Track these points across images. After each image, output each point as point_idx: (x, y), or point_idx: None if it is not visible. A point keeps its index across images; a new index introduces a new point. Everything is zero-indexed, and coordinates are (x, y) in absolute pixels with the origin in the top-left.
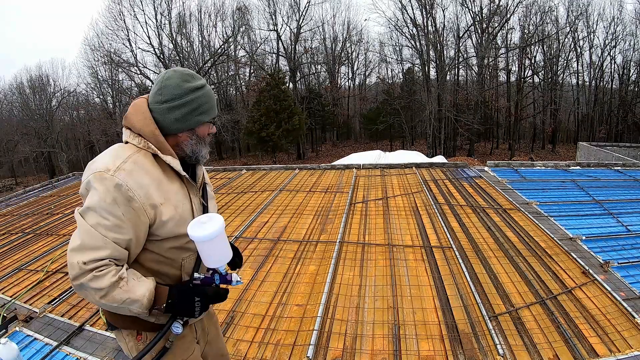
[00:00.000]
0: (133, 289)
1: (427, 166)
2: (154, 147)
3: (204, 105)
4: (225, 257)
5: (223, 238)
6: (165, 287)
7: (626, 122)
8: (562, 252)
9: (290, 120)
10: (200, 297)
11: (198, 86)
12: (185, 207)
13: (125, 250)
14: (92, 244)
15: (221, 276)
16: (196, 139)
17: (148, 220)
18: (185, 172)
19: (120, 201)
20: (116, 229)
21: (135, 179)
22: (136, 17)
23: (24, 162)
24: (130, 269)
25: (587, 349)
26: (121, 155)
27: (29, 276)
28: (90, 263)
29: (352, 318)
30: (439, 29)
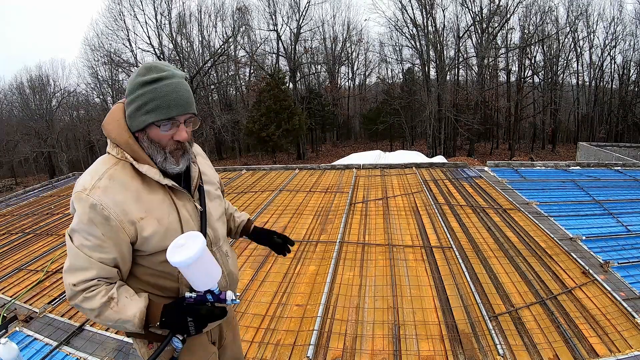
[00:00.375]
0: (123, 309)
1: (427, 166)
2: (130, 157)
3: (151, 102)
4: (212, 278)
5: (205, 259)
6: (159, 304)
7: (626, 122)
8: (562, 252)
9: (290, 121)
10: (193, 317)
11: (148, 80)
12: (171, 218)
13: (114, 269)
14: (79, 265)
15: (214, 295)
16: (148, 142)
17: (128, 237)
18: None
19: (98, 221)
20: (99, 249)
21: (111, 196)
22: (136, 17)
23: (24, 162)
24: (124, 286)
25: (587, 349)
26: (99, 171)
27: (29, 276)
28: (79, 284)
29: (352, 318)
30: (439, 29)
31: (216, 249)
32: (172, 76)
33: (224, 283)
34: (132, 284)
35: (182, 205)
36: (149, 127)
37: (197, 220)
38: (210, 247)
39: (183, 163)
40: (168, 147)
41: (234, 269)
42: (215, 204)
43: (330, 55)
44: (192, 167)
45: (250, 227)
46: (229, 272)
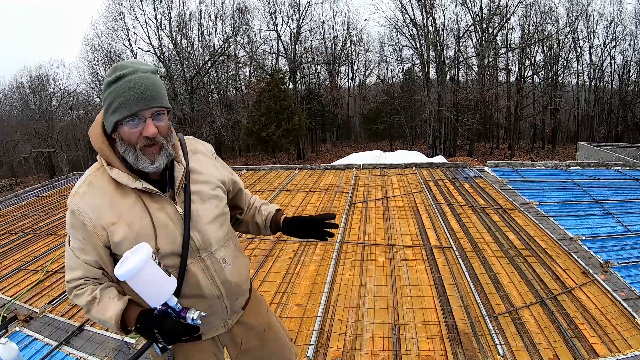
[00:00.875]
0: (104, 309)
1: (427, 166)
2: (104, 162)
3: (114, 102)
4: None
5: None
6: (136, 309)
7: (626, 122)
8: (562, 252)
9: (290, 121)
10: (158, 330)
11: (111, 80)
12: (143, 223)
13: (99, 270)
14: (71, 265)
15: (174, 311)
16: (120, 142)
17: (101, 242)
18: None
19: (78, 226)
20: (82, 251)
21: (87, 202)
22: (136, 17)
23: (24, 162)
24: (111, 287)
25: (587, 349)
26: (83, 177)
27: (29, 276)
28: (71, 282)
29: (352, 318)
30: (439, 29)
31: (206, 255)
32: (134, 72)
33: (216, 292)
34: (125, 287)
35: (159, 208)
36: (118, 127)
37: (179, 224)
38: (197, 253)
39: (159, 161)
40: (138, 145)
41: (233, 278)
42: (210, 205)
43: (330, 55)
44: (176, 167)
45: (281, 219)
46: (223, 280)
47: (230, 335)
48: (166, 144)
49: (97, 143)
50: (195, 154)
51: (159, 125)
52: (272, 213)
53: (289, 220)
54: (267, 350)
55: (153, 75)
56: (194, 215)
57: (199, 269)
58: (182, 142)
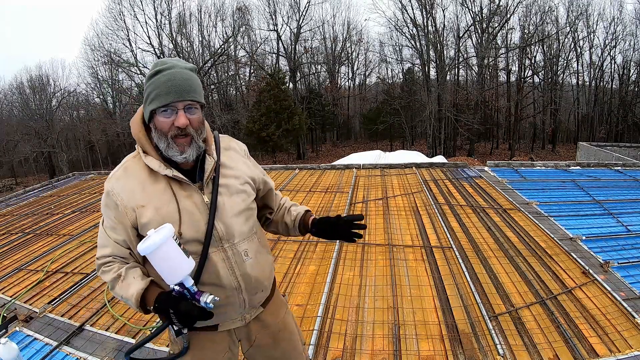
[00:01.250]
0: (126, 287)
1: (427, 166)
2: (140, 150)
3: (152, 92)
4: (176, 272)
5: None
6: (157, 290)
7: (626, 122)
8: (562, 252)
9: (290, 120)
10: (174, 311)
11: (152, 73)
12: (170, 209)
13: (126, 250)
14: (102, 243)
15: (190, 293)
16: (155, 132)
17: (130, 222)
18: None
19: (111, 205)
20: (113, 230)
21: (121, 184)
22: (136, 17)
23: (24, 162)
24: (136, 267)
25: (587, 349)
26: (120, 164)
27: (29, 276)
28: (101, 258)
29: (352, 318)
30: (439, 29)
31: (228, 246)
32: (172, 67)
33: (234, 284)
34: (150, 269)
35: (187, 196)
36: (153, 116)
37: (205, 213)
38: (219, 243)
39: (189, 152)
40: (170, 133)
41: (253, 272)
42: (237, 199)
43: (330, 55)
44: (207, 159)
45: (309, 220)
46: (243, 273)
47: (247, 331)
48: (197, 136)
49: (135, 132)
50: (227, 151)
51: (191, 118)
52: (301, 214)
53: (317, 221)
54: (279, 350)
55: (190, 71)
56: (219, 207)
57: (220, 258)
58: (216, 138)
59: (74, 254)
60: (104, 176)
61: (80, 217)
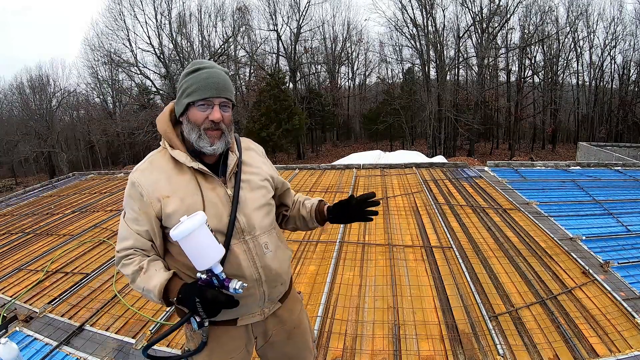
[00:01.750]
0: (149, 279)
1: (427, 166)
2: (167, 144)
3: (191, 87)
4: (208, 257)
5: (200, 236)
6: (180, 281)
7: (626, 122)
8: (562, 252)
9: (290, 120)
10: (200, 299)
11: (191, 70)
12: (194, 200)
13: (148, 242)
14: (123, 235)
15: (218, 280)
16: (187, 124)
17: (154, 212)
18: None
19: (135, 196)
20: (135, 221)
21: (147, 176)
22: (136, 17)
23: (24, 162)
24: (158, 260)
25: (587, 349)
26: (146, 158)
27: (29, 276)
28: (121, 251)
29: (352, 318)
30: (439, 29)
31: (249, 238)
32: (211, 67)
33: (255, 275)
34: (170, 262)
35: (211, 188)
36: (189, 108)
37: (227, 206)
38: (241, 235)
39: (218, 145)
40: (203, 126)
41: (273, 265)
42: (257, 194)
43: (330, 55)
44: (230, 155)
45: (324, 209)
46: (263, 265)
47: (264, 326)
48: (227, 132)
49: (163, 126)
50: (247, 151)
51: (224, 115)
52: (315, 204)
53: (332, 208)
54: (291, 347)
55: (225, 73)
56: (241, 200)
57: (242, 250)
58: (237, 139)
59: (74, 254)
60: (104, 176)
61: (80, 217)
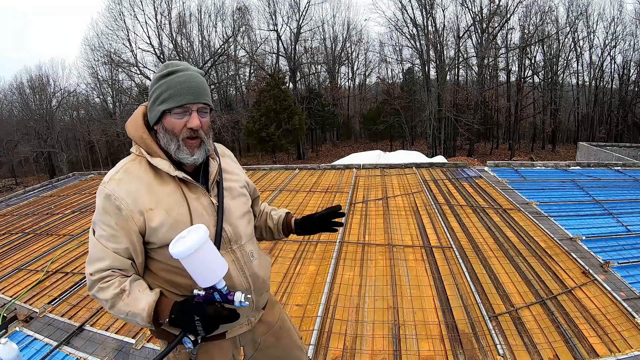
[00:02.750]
0: (134, 302)
1: (427, 166)
2: (144, 151)
3: (165, 92)
4: (214, 274)
5: (206, 252)
6: (171, 300)
7: (626, 122)
8: (562, 252)
9: (290, 120)
10: (200, 317)
11: (164, 74)
12: (180, 211)
13: (127, 260)
14: (96, 256)
15: (221, 295)
16: (163, 132)
17: (137, 227)
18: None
19: (111, 211)
20: (113, 238)
21: (124, 187)
22: (136, 17)
23: (24, 162)
24: (139, 280)
25: (587, 349)
26: (117, 166)
27: (29, 276)
28: (95, 274)
29: (352, 318)
30: (439, 29)
31: (236, 247)
32: (186, 69)
33: (245, 285)
34: (150, 280)
35: (195, 198)
36: (164, 116)
37: (212, 215)
38: (228, 245)
39: (198, 154)
40: (181, 135)
41: (260, 272)
42: (239, 202)
43: (330, 55)
44: (211, 162)
45: (291, 221)
46: (252, 273)
47: (252, 335)
48: (206, 140)
49: (138, 132)
50: (223, 157)
51: (202, 121)
52: (283, 217)
53: (299, 221)
54: (281, 348)
55: (201, 75)
56: (226, 209)
57: (230, 260)
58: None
59: (74, 254)
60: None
61: (80, 217)
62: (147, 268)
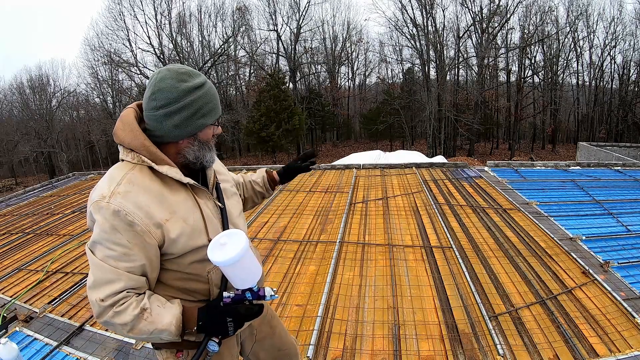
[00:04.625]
0: (158, 318)
1: (427, 166)
2: (147, 159)
3: (205, 106)
4: (254, 276)
5: (249, 257)
6: (194, 308)
7: (626, 122)
8: (562, 252)
9: (290, 120)
10: (232, 317)
11: (197, 85)
12: (196, 217)
13: (142, 277)
14: (105, 278)
15: (253, 293)
16: (199, 144)
17: (155, 241)
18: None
19: (122, 228)
20: (125, 257)
21: (133, 201)
22: (136, 17)
23: (24, 162)
24: (154, 295)
25: (587, 349)
26: (115, 177)
27: (29, 276)
28: (107, 299)
29: (352, 318)
30: (439, 29)
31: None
32: (206, 79)
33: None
34: (161, 292)
35: (204, 203)
36: (205, 128)
37: (218, 218)
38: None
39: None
40: (211, 142)
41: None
42: (234, 201)
43: (330, 55)
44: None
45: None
46: None
47: (250, 328)
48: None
49: (138, 140)
50: None
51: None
52: (266, 177)
53: (282, 172)
54: (277, 338)
55: None
56: (228, 210)
57: None
58: None
59: (74, 254)
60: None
61: (80, 217)
62: (157, 280)
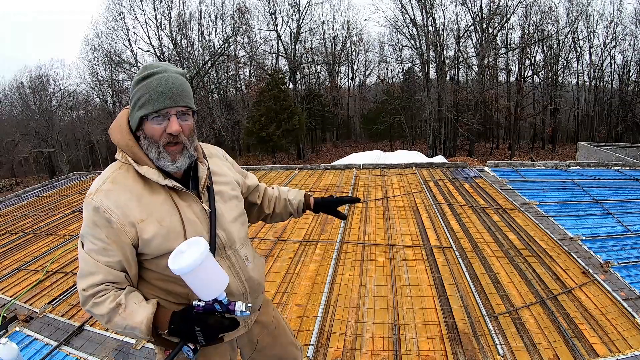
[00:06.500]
0: (131, 315)
1: (427, 166)
2: (131, 159)
3: (142, 97)
4: (216, 287)
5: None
6: (169, 311)
7: (626, 122)
8: (562, 252)
9: (290, 120)
10: (201, 328)
11: (141, 77)
12: (173, 220)
13: (122, 273)
14: (88, 270)
15: (222, 305)
16: (145, 140)
17: (129, 240)
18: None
19: (101, 224)
20: (104, 252)
21: (113, 199)
22: (136, 17)
23: (24, 162)
24: (134, 292)
25: (587, 349)
26: (104, 175)
27: (29, 276)
28: (88, 289)
29: (352, 318)
30: (439, 29)
31: (231, 253)
32: (163, 71)
33: (241, 289)
34: (144, 289)
35: (187, 206)
36: (143, 122)
37: (205, 222)
38: (222, 251)
39: (181, 161)
40: (161, 141)
41: (255, 275)
42: (231, 205)
43: (330, 55)
44: (200, 167)
45: (311, 203)
46: (247, 277)
47: (249, 336)
48: (189, 145)
49: (124, 139)
50: (211, 158)
51: (183, 125)
52: (302, 201)
53: (320, 202)
54: (278, 348)
55: (181, 76)
56: (218, 214)
57: (225, 266)
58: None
59: (74, 254)
60: None
61: (80, 217)
62: (141, 278)
